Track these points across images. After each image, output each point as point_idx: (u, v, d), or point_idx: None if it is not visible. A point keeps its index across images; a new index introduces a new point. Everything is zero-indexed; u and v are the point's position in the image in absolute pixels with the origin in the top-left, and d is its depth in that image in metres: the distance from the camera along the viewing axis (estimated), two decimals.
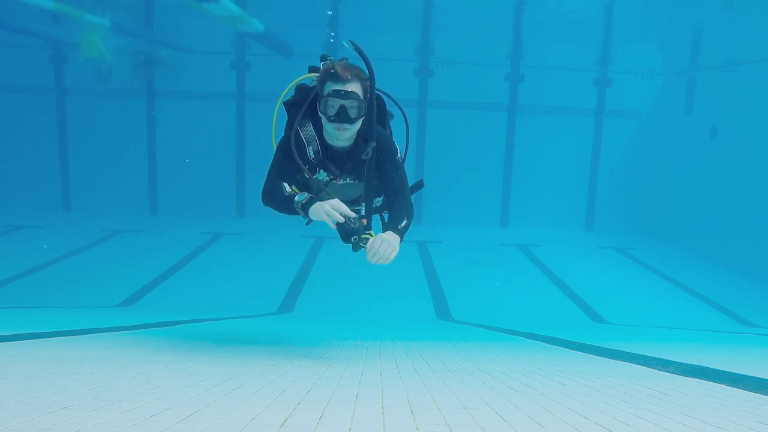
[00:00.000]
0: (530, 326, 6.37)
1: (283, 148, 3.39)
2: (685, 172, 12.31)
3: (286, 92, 3.62)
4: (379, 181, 3.48)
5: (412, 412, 1.91)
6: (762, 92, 10.18)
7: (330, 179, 3.46)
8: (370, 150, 3.32)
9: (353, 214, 3.17)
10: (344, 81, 3.15)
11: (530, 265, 10.59)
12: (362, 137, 3.31)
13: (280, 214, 3.67)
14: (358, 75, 3.21)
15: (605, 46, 13.39)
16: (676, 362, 3.36)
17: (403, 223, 3.30)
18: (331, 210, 3.11)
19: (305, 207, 3.19)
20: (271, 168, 3.43)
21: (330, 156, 3.37)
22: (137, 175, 13.49)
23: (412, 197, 3.54)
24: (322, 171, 3.41)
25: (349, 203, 3.53)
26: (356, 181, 3.54)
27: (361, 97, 3.19)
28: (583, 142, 13.58)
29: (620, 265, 10.87)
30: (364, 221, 3.38)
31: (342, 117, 3.14)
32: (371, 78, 3.26)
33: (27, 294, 7.89)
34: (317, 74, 3.35)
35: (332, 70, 3.17)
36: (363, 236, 3.39)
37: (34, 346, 3.41)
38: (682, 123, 12.52)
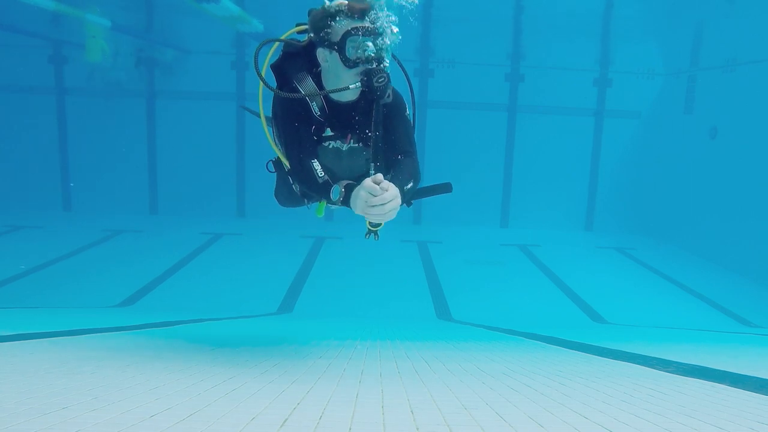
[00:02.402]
0: (530, 326, 6.36)
1: (286, 111, 2.97)
2: (685, 172, 12.31)
3: (273, 52, 3.19)
4: (384, 139, 3.09)
5: (412, 412, 1.91)
6: (762, 92, 10.18)
7: (337, 142, 3.06)
8: (390, 91, 2.91)
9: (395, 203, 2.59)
10: (361, 15, 2.78)
11: (530, 265, 10.58)
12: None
13: (289, 208, 3.53)
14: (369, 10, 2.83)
15: (605, 46, 13.39)
16: (676, 362, 3.35)
17: (409, 185, 2.87)
18: (371, 200, 2.57)
19: (345, 200, 2.72)
20: (286, 143, 2.95)
21: (335, 112, 2.99)
22: (137, 175, 13.50)
23: (428, 199, 3.26)
24: (329, 129, 3.02)
25: (354, 180, 3.21)
26: (360, 145, 3.13)
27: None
28: (583, 142, 13.58)
29: (620, 265, 10.87)
30: None
31: (369, 59, 2.77)
32: None
33: (27, 294, 7.89)
34: (310, 23, 2.92)
35: (344, 6, 2.77)
36: None
37: (34, 346, 3.41)
38: (682, 123, 12.51)
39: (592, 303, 8.40)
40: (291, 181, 3.33)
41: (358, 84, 2.81)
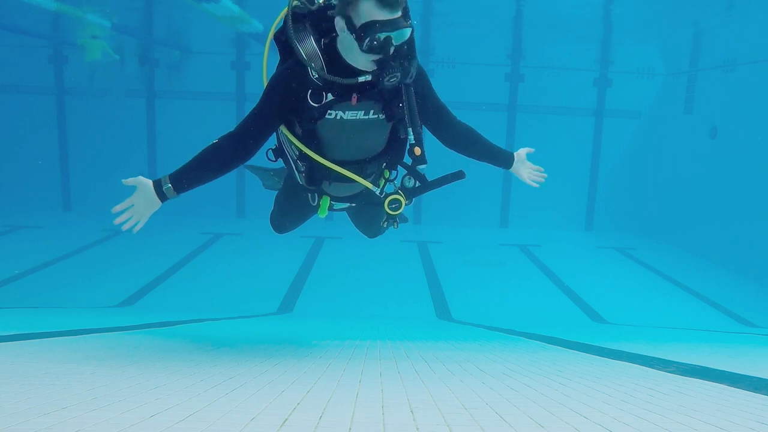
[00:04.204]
0: (530, 326, 6.36)
1: (277, 78, 2.81)
2: (685, 172, 12.31)
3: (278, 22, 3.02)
4: (422, 111, 2.97)
5: (412, 412, 1.91)
6: (762, 92, 10.18)
7: (347, 113, 2.84)
8: (413, 70, 2.75)
9: None
10: (392, 7, 2.55)
11: (530, 265, 10.58)
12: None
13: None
14: None
15: (605, 46, 13.38)
16: (676, 362, 3.35)
17: (494, 144, 3.33)
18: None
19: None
20: (254, 113, 2.83)
21: (341, 76, 2.74)
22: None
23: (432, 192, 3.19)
24: (330, 95, 2.77)
25: (367, 162, 3.05)
26: (381, 117, 2.90)
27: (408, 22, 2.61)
28: (583, 142, 13.58)
29: (620, 265, 10.87)
30: (417, 150, 2.91)
31: (386, 51, 2.60)
32: None
33: (27, 294, 7.89)
34: None
35: None
36: (393, 197, 3.04)
37: (34, 346, 3.41)
38: (682, 123, 12.51)
39: (592, 303, 8.40)
40: (294, 167, 3.15)
41: (368, 77, 2.70)
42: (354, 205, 3.45)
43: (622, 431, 1.72)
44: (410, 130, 2.90)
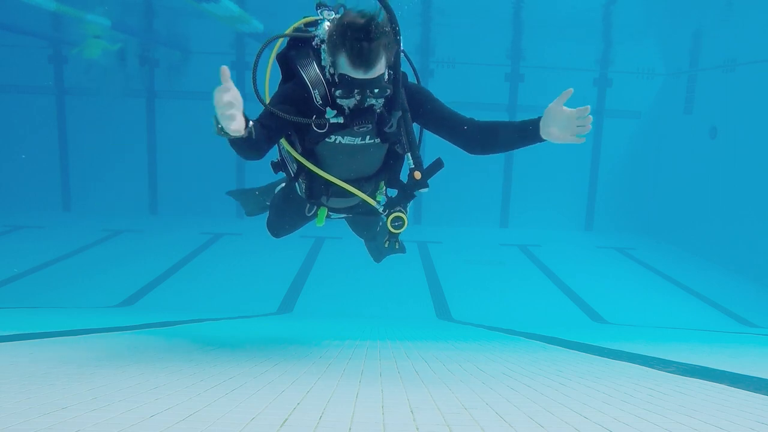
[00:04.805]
0: (530, 326, 6.36)
1: (279, 95, 2.81)
2: (685, 172, 12.31)
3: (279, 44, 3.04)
4: (432, 126, 3.03)
5: (412, 412, 1.91)
6: (762, 92, 10.18)
7: (345, 138, 2.85)
8: (394, 122, 2.81)
9: None
10: (367, 66, 2.52)
11: (530, 265, 10.58)
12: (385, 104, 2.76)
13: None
14: (384, 47, 2.52)
15: (605, 46, 13.38)
16: (676, 362, 3.35)
17: (516, 122, 3.00)
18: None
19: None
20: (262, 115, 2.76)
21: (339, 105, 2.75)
22: (137, 175, 13.49)
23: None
24: (330, 110, 2.75)
25: (365, 180, 3.08)
26: (377, 141, 2.91)
27: (386, 74, 2.63)
28: (583, 142, 13.57)
29: (620, 265, 10.87)
30: (418, 174, 2.96)
31: (361, 103, 2.62)
32: (397, 37, 2.64)
33: (27, 294, 7.88)
34: (324, 23, 2.79)
35: (351, 48, 2.48)
36: (395, 215, 3.03)
37: (34, 346, 3.41)
38: (682, 123, 12.51)
39: (592, 303, 8.40)
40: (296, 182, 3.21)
41: (339, 119, 2.71)
42: (350, 215, 3.51)
43: (622, 431, 1.72)
44: (409, 154, 2.97)
